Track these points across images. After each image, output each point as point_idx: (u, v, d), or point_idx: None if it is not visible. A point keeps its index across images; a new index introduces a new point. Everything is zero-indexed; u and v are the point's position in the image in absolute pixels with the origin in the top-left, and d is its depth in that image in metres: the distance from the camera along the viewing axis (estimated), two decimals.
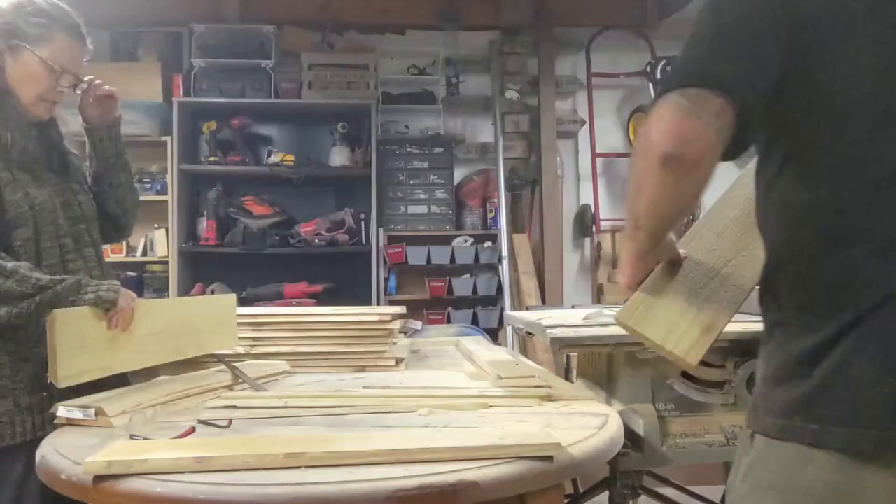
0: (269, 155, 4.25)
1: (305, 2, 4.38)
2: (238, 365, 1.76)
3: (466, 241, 4.30)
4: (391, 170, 4.30)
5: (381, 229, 4.21)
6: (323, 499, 0.92)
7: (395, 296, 4.20)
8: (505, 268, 4.14)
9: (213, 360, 1.84)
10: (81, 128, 1.76)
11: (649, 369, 1.50)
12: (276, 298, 4.13)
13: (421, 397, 1.45)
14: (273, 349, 1.88)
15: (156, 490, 0.95)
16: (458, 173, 4.46)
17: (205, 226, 4.19)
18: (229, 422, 1.30)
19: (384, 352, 1.89)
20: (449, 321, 4.12)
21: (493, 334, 3.98)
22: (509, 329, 3.91)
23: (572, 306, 2.42)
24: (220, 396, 1.49)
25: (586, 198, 4.59)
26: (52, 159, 1.66)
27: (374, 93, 4.27)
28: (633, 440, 1.44)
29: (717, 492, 2.13)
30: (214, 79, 4.14)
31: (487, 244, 4.28)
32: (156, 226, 4.15)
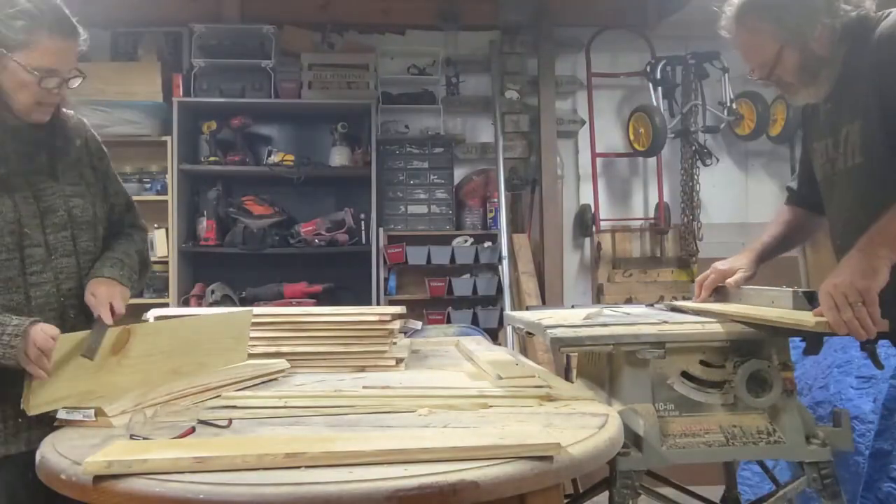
0: (269, 155, 4.25)
1: (305, 2, 4.38)
2: (238, 365, 1.76)
3: (466, 241, 4.30)
4: (391, 170, 4.30)
5: (381, 229, 4.21)
6: (323, 499, 0.92)
7: (395, 296, 4.20)
8: (505, 268, 4.14)
9: None
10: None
11: (649, 369, 1.50)
12: (276, 298, 4.13)
13: (421, 397, 1.45)
14: (273, 349, 1.88)
15: (155, 490, 0.95)
16: (458, 173, 4.46)
17: (205, 226, 4.18)
18: (229, 422, 1.30)
19: (384, 352, 1.89)
20: (449, 321, 4.12)
21: (493, 334, 3.98)
22: (509, 329, 3.91)
23: (572, 306, 2.42)
24: (220, 396, 1.49)
25: (586, 198, 4.59)
26: (39, 163, 1.56)
27: (374, 93, 4.27)
28: (633, 440, 1.44)
29: (717, 492, 2.13)
30: (214, 79, 4.14)
31: (487, 244, 4.28)
32: (156, 226, 4.15)
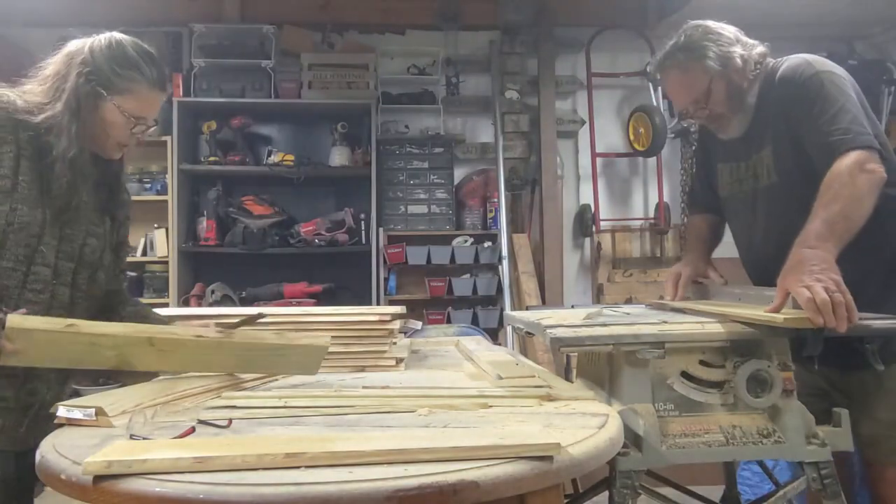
0: (269, 155, 4.25)
1: (305, 2, 4.38)
2: None
3: (466, 241, 4.30)
4: (391, 170, 4.30)
5: (381, 229, 4.21)
6: (323, 499, 0.92)
7: (395, 296, 4.21)
8: (505, 268, 4.15)
9: None
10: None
11: (649, 369, 1.50)
12: (276, 298, 4.13)
13: (421, 397, 1.45)
14: None
15: (155, 490, 0.95)
16: (458, 173, 4.46)
17: (205, 226, 4.19)
18: (229, 422, 1.30)
19: (384, 352, 1.89)
20: (449, 321, 4.13)
21: (493, 334, 3.99)
22: (509, 329, 3.92)
23: (572, 306, 2.42)
24: (220, 396, 1.49)
25: (586, 198, 4.59)
26: (101, 195, 1.64)
27: (374, 93, 4.27)
28: (633, 440, 1.44)
29: (716, 492, 2.13)
30: (214, 79, 4.15)
31: (487, 244, 4.28)
32: (156, 226, 4.15)
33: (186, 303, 4.07)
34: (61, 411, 1.34)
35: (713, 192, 2.07)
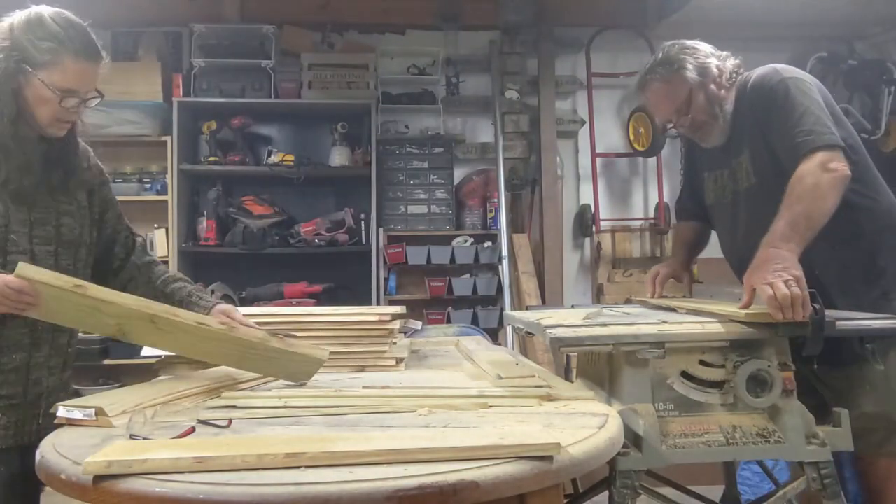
0: (269, 155, 4.25)
1: (305, 2, 4.38)
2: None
3: (466, 241, 4.30)
4: (391, 170, 4.30)
5: (381, 229, 4.21)
6: (323, 499, 0.92)
7: (395, 296, 4.20)
8: (505, 268, 4.14)
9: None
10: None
11: (649, 369, 1.50)
12: (276, 298, 4.13)
13: (421, 397, 1.45)
14: None
15: (155, 490, 0.95)
16: (458, 173, 4.46)
17: (205, 226, 4.19)
18: (229, 422, 1.30)
19: (384, 352, 1.89)
20: (449, 321, 4.12)
21: (493, 334, 3.98)
22: (509, 329, 3.91)
23: (572, 306, 2.42)
24: (220, 396, 1.49)
25: (586, 198, 4.58)
26: (53, 176, 1.60)
27: (374, 93, 4.27)
28: (633, 440, 1.44)
29: (716, 492, 2.13)
30: (214, 79, 4.14)
31: (487, 244, 4.28)
32: (156, 226, 4.15)
33: None
34: (61, 411, 1.34)
35: (699, 202, 2.20)
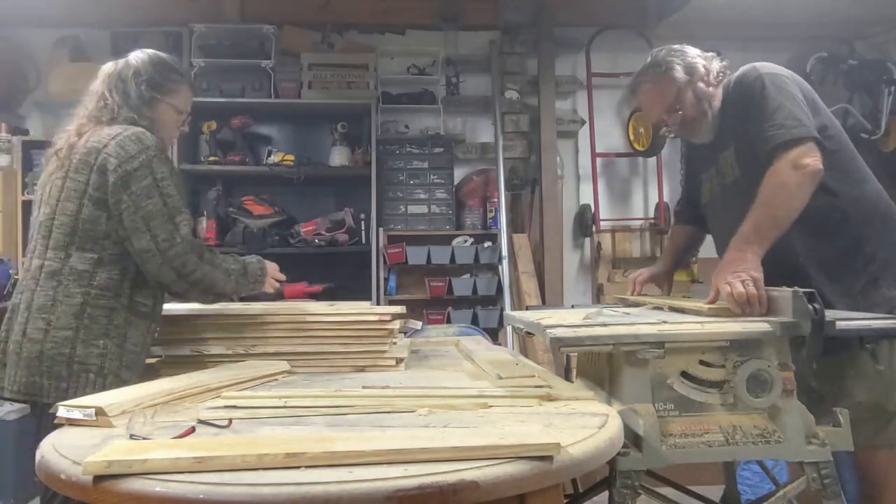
0: (269, 155, 4.25)
1: (305, 2, 4.38)
2: (237, 365, 1.76)
3: (466, 241, 4.30)
4: (391, 170, 4.30)
5: (380, 229, 4.21)
6: (323, 499, 0.92)
7: (395, 296, 4.20)
8: (505, 268, 4.14)
9: (213, 360, 1.84)
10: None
11: (649, 369, 1.50)
12: (276, 298, 4.12)
13: (421, 397, 1.45)
14: (273, 349, 1.88)
15: (155, 490, 0.95)
16: (458, 173, 4.46)
17: (205, 225, 4.19)
18: (229, 422, 1.30)
19: (384, 352, 1.89)
20: (449, 321, 4.12)
21: (493, 334, 3.98)
22: (509, 329, 3.92)
23: (572, 306, 2.42)
24: (220, 396, 1.49)
25: (586, 198, 4.59)
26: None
27: (374, 93, 4.27)
28: (633, 440, 1.44)
29: (716, 492, 2.13)
30: (214, 79, 4.14)
31: (487, 244, 4.28)
32: None
33: None
34: (61, 411, 1.34)
35: (695, 205, 2.29)
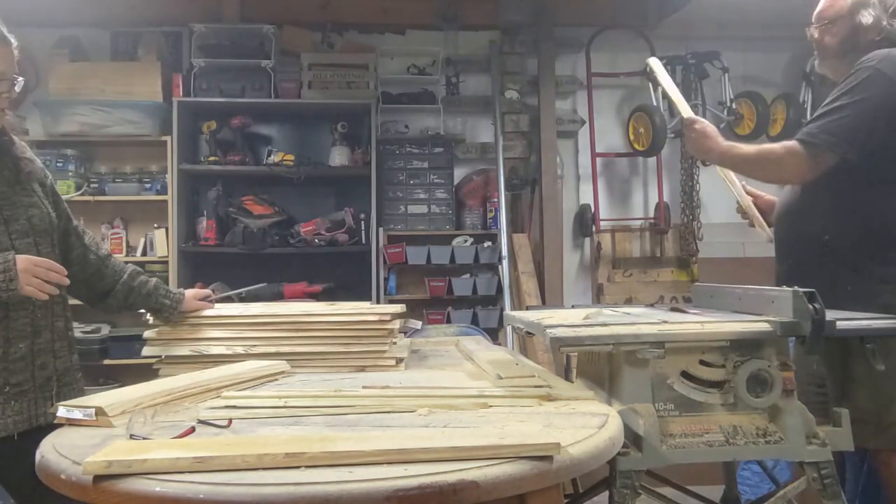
0: (269, 155, 4.24)
1: (305, 2, 4.38)
2: (237, 365, 1.75)
3: (466, 241, 4.30)
4: (391, 170, 4.30)
5: (380, 229, 4.21)
6: (323, 499, 0.92)
7: (395, 296, 4.20)
8: (505, 268, 4.14)
9: (213, 360, 1.84)
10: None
11: (649, 369, 1.50)
12: (276, 298, 4.12)
13: (421, 397, 1.45)
14: (273, 349, 1.88)
15: (155, 490, 0.95)
16: (458, 173, 4.46)
17: (205, 226, 4.19)
18: (229, 422, 1.30)
19: (384, 352, 1.89)
20: (449, 321, 4.12)
21: (493, 334, 3.98)
22: (509, 329, 3.91)
23: (572, 306, 2.42)
24: (220, 396, 1.49)
25: (586, 198, 4.58)
26: (4, 171, 1.66)
27: (374, 93, 4.27)
28: (633, 440, 1.44)
29: (716, 492, 2.13)
30: (214, 78, 4.14)
31: (487, 244, 4.28)
32: (155, 225, 4.15)
33: None
34: (61, 411, 1.34)
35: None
